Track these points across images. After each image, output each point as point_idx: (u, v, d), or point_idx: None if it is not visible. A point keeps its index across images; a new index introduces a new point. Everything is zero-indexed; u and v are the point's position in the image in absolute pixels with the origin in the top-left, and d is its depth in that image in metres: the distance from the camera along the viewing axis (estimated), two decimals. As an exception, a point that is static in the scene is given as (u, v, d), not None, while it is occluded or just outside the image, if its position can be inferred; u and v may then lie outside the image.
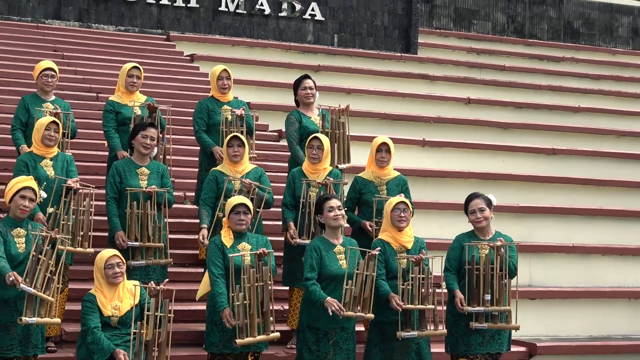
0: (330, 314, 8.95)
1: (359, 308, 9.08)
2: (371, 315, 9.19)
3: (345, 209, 9.91)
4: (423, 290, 9.36)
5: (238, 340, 8.77)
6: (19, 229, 8.70)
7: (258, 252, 8.92)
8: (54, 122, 10.16)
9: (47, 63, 11.58)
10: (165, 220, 10.14)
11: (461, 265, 9.70)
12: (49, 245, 8.48)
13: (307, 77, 11.88)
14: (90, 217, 9.67)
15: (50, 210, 9.45)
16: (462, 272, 9.70)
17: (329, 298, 9.01)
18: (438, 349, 10.10)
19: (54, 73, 11.48)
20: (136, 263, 9.88)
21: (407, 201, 9.77)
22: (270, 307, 8.92)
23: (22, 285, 8.27)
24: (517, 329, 9.78)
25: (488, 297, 9.50)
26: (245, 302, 8.76)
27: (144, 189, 9.98)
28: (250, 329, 8.81)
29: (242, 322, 8.77)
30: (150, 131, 10.24)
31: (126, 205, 9.95)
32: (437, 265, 9.76)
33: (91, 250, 9.55)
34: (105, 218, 10.17)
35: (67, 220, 9.42)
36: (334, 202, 9.33)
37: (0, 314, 8.47)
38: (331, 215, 9.30)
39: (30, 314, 8.33)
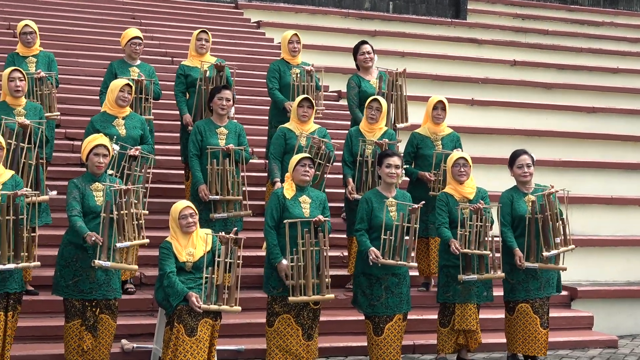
0: (370, 263, 8.93)
1: (397, 257, 9.03)
2: (414, 264, 9.15)
3: (405, 164, 9.92)
4: (482, 238, 9.35)
5: (290, 298, 8.78)
6: (97, 183, 8.70)
7: (314, 219, 8.90)
8: (127, 84, 10.16)
9: (134, 31, 11.58)
10: (243, 175, 10.16)
11: (514, 218, 9.68)
12: (125, 198, 8.50)
13: (364, 42, 11.81)
14: (148, 184, 9.72)
15: (110, 172, 9.47)
16: (514, 224, 9.67)
17: (371, 247, 8.98)
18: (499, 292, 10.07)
19: (140, 41, 11.50)
20: (218, 215, 9.95)
21: (467, 156, 9.72)
22: (326, 271, 8.89)
23: (119, 244, 8.33)
24: (564, 269, 9.81)
25: (558, 239, 9.55)
26: (300, 264, 8.76)
27: (223, 147, 10.00)
28: (306, 289, 8.81)
29: (296, 282, 8.78)
30: (225, 93, 10.29)
31: (207, 162, 9.98)
32: (493, 215, 9.76)
33: (146, 212, 9.53)
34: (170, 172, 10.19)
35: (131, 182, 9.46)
36: (393, 160, 9.25)
37: (80, 260, 8.50)
38: (387, 171, 9.25)
39: (105, 258, 8.35)
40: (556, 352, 10.70)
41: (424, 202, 9.36)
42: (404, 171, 9.91)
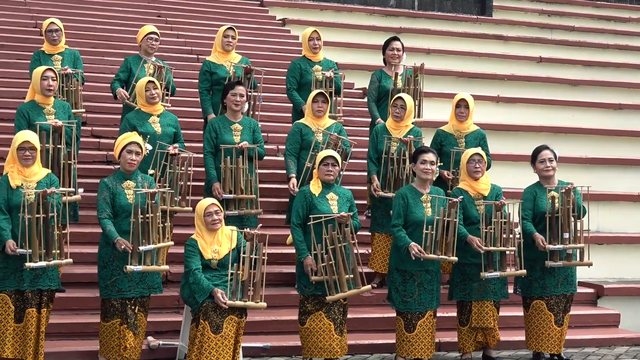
0: (413, 257, 8.94)
1: (439, 252, 9.05)
2: (454, 258, 9.16)
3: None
4: (504, 235, 9.33)
5: (328, 297, 8.81)
6: (128, 181, 8.76)
7: (338, 215, 8.91)
8: (150, 81, 10.20)
9: (150, 27, 11.63)
10: (256, 171, 10.17)
11: (535, 214, 9.65)
12: (153, 199, 8.56)
13: (396, 39, 11.83)
14: (189, 182, 9.77)
15: (151, 172, 9.52)
16: (536, 220, 9.65)
17: (412, 242, 8.99)
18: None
19: (157, 37, 11.53)
20: (230, 213, 9.94)
21: (482, 153, 9.72)
22: (357, 265, 8.91)
23: (142, 248, 8.39)
24: (590, 265, 9.81)
25: (567, 235, 9.50)
26: (330, 262, 8.78)
27: (237, 145, 10.00)
28: (340, 285, 8.82)
29: (330, 280, 8.79)
30: (238, 89, 10.28)
31: (221, 159, 10.00)
32: (515, 212, 9.73)
33: (189, 209, 9.60)
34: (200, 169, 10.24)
35: (167, 181, 9.54)
36: (429, 156, 9.29)
37: (117, 259, 8.55)
38: (422, 167, 9.28)
39: (136, 262, 8.43)
40: (582, 350, 10.66)
41: (462, 197, 9.35)
42: (438, 167, 9.93)
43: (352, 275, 8.89)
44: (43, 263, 8.27)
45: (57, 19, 11.59)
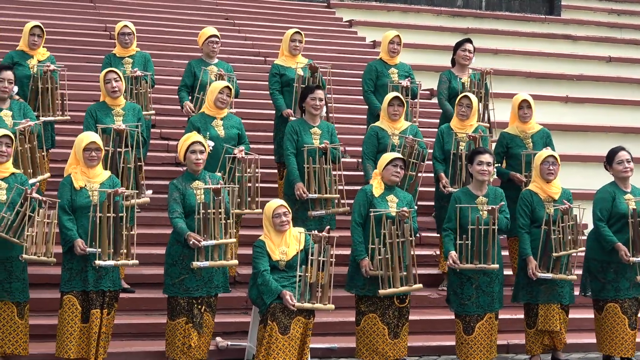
0: (447, 267, 8.97)
1: (476, 261, 9.00)
2: (495, 266, 9.05)
3: (495, 164, 9.86)
4: (571, 237, 9.26)
5: (381, 291, 8.79)
6: (197, 181, 8.83)
7: (399, 211, 8.88)
8: (227, 86, 10.26)
9: (211, 30, 11.70)
10: (338, 173, 10.21)
11: (611, 216, 9.54)
12: (219, 196, 8.61)
13: (469, 40, 11.78)
14: (258, 184, 9.81)
15: (218, 174, 9.58)
16: (611, 221, 9.55)
17: (451, 251, 8.97)
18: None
19: (218, 39, 11.60)
20: (316, 213, 9.99)
21: (556, 155, 9.60)
22: (412, 261, 8.89)
23: (203, 242, 8.44)
24: None
25: None
26: (387, 256, 8.75)
27: (320, 146, 10.05)
28: (393, 280, 8.80)
29: (384, 275, 8.77)
30: (317, 93, 10.31)
31: (302, 160, 10.04)
32: (584, 215, 9.60)
33: (260, 210, 9.65)
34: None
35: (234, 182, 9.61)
36: (485, 157, 9.21)
37: (187, 258, 8.59)
38: (478, 168, 9.21)
39: (202, 258, 8.48)
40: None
41: (503, 202, 9.27)
42: (495, 169, 9.85)
43: (405, 273, 8.87)
44: (111, 262, 8.35)
45: (130, 23, 11.71)
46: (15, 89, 10.05)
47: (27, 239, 8.20)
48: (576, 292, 9.76)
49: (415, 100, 11.62)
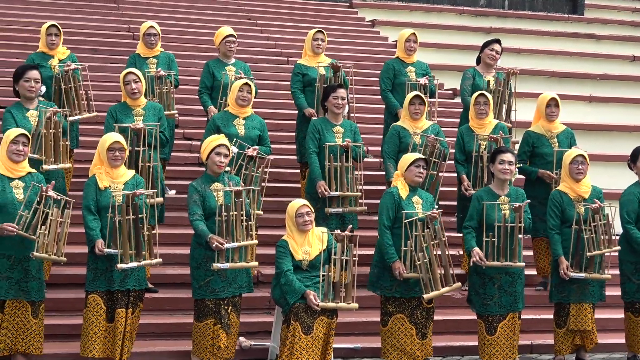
0: (471, 264, 8.91)
1: (502, 258, 8.96)
2: (522, 264, 9.02)
3: (520, 163, 9.82)
4: (604, 236, 9.22)
5: (426, 296, 8.78)
6: (217, 183, 8.83)
7: (429, 213, 8.86)
8: (246, 84, 10.26)
9: (228, 30, 11.70)
10: (357, 172, 10.20)
11: (639, 217, 9.51)
12: (239, 198, 8.61)
13: (497, 41, 11.76)
14: (264, 184, 9.80)
15: (227, 168, 9.58)
16: (639, 223, 9.51)
17: (475, 248, 8.93)
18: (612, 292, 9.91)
19: (234, 39, 11.61)
20: (333, 210, 9.99)
21: (585, 154, 9.55)
22: (448, 261, 8.88)
23: (226, 245, 8.44)
24: None
25: None
26: (425, 260, 8.74)
27: (342, 144, 10.05)
28: (434, 283, 8.78)
29: (425, 278, 8.75)
30: (339, 92, 10.31)
31: (324, 158, 10.04)
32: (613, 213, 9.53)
33: (260, 212, 9.67)
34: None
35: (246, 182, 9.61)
36: (507, 157, 9.17)
37: (211, 260, 8.56)
38: (500, 167, 9.18)
39: (223, 260, 8.48)
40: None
41: (528, 200, 9.23)
42: (517, 168, 9.82)
43: (443, 272, 8.85)
44: (134, 264, 8.37)
45: (155, 23, 11.72)
46: (43, 88, 10.06)
47: (39, 237, 8.22)
48: (608, 293, 9.71)
49: (433, 99, 11.58)
